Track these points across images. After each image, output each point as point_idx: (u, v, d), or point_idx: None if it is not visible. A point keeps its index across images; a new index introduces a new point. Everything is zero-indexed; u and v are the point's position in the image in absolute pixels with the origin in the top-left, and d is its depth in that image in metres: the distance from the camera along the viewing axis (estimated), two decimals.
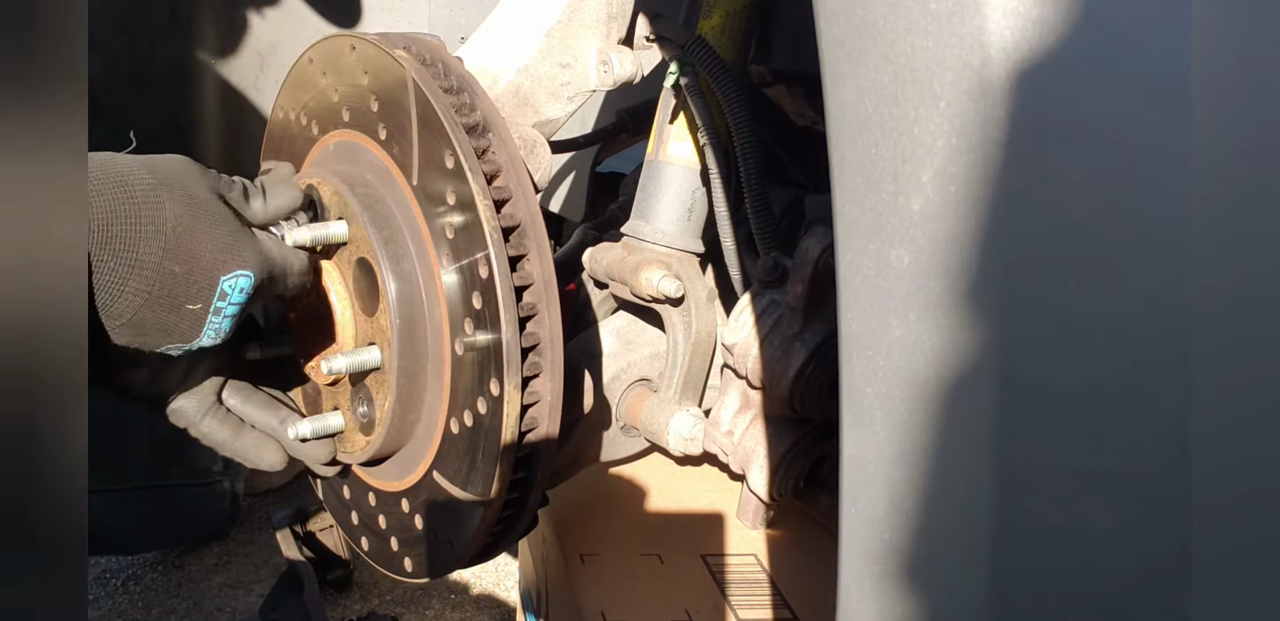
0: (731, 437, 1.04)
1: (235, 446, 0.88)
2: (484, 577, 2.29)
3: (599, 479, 1.28)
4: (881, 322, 0.54)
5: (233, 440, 0.88)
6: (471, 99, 0.83)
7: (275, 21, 1.92)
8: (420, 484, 0.89)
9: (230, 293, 0.73)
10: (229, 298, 0.73)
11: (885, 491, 0.55)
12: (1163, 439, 0.48)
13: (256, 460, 0.89)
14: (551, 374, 0.82)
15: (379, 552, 0.96)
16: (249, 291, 0.74)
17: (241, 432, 0.88)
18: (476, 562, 0.93)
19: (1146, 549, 0.49)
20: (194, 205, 0.71)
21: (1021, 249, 0.49)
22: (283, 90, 0.99)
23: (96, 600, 2.17)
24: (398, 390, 0.84)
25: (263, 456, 0.89)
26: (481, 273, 0.78)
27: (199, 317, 0.72)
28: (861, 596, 0.57)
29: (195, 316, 0.72)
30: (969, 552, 0.52)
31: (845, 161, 0.55)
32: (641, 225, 1.08)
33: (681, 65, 1.02)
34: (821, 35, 0.55)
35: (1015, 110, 0.48)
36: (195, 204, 0.72)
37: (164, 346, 0.73)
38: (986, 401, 0.50)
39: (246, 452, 0.89)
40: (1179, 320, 0.47)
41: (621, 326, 1.13)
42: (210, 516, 2.33)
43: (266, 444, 0.89)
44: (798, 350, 0.95)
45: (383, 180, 0.87)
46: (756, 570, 1.10)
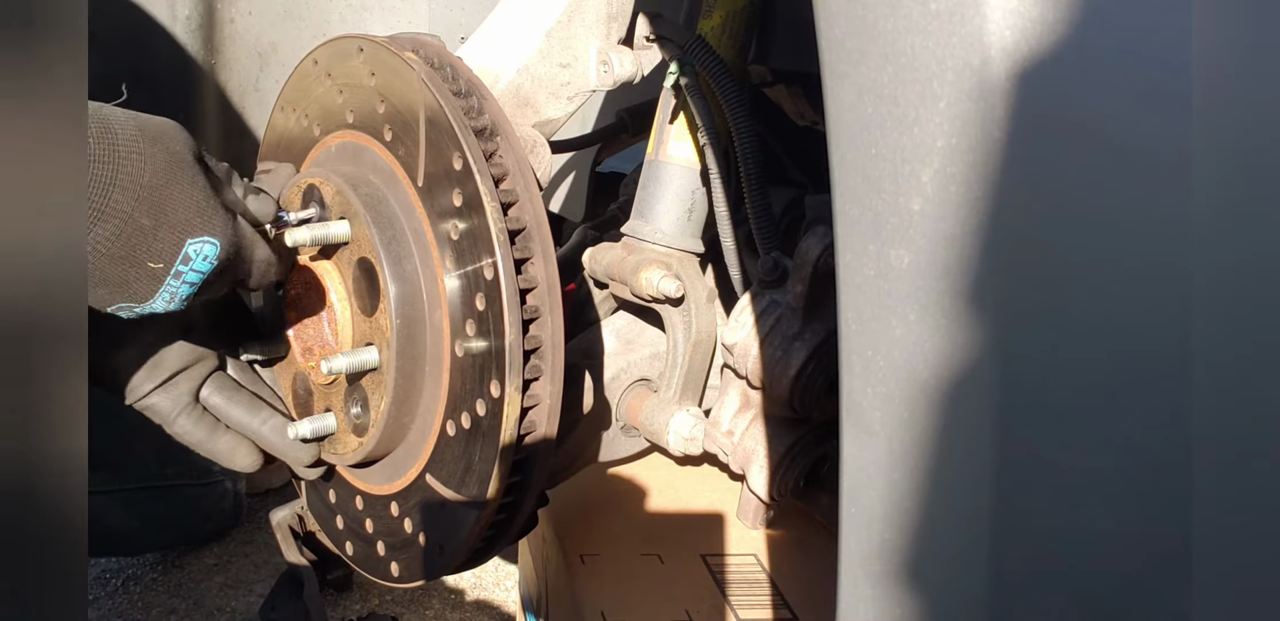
0: (731, 437, 1.04)
1: (209, 447, 0.88)
2: (484, 578, 2.29)
3: (599, 479, 1.28)
4: (881, 323, 0.54)
5: (207, 440, 0.87)
6: (480, 102, 0.83)
7: (275, 21, 1.92)
8: (412, 487, 0.89)
9: (194, 258, 0.71)
10: (191, 263, 0.71)
11: (885, 491, 0.55)
12: (1163, 439, 0.48)
13: (229, 461, 0.89)
14: (552, 377, 0.82)
15: (365, 557, 0.96)
16: (213, 261, 0.72)
17: (216, 433, 0.88)
18: (467, 568, 0.93)
19: (1146, 549, 0.49)
20: (175, 163, 0.70)
21: (1021, 249, 0.49)
22: (285, 90, 0.99)
23: (96, 600, 2.17)
24: (394, 391, 0.84)
25: (235, 458, 0.89)
26: (486, 275, 0.78)
27: (157, 277, 0.70)
28: (861, 596, 0.57)
29: (154, 276, 0.70)
30: (969, 552, 0.51)
31: (845, 161, 0.55)
32: (641, 225, 1.08)
33: (681, 65, 1.02)
34: (821, 35, 0.55)
35: (1015, 110, 0.48)
36: (176, 162, 0.70)
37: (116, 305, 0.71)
38: (986, 401, 0.50)
39: (220, 454, 0.88)
40: (1179, 320, 0.47)
41: (621, 326, 1.13)
42: (211, 516, 2.32)
43: (240, 445, 0.89)
44: (798, 350, 0.95)
45: (386, 181, 0.87)
46: (756, 570, 1.10)
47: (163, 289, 0.71)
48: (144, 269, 0.69)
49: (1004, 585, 0.51)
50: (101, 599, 2.18)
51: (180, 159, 0.71)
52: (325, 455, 0.94)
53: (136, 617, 2.13)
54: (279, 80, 1.94)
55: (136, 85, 0.78)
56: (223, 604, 2.18)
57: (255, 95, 1.95)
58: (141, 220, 0.68)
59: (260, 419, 0.89)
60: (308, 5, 1.94)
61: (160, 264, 0.70)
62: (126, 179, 0.67)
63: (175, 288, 0.71)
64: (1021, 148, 0.48)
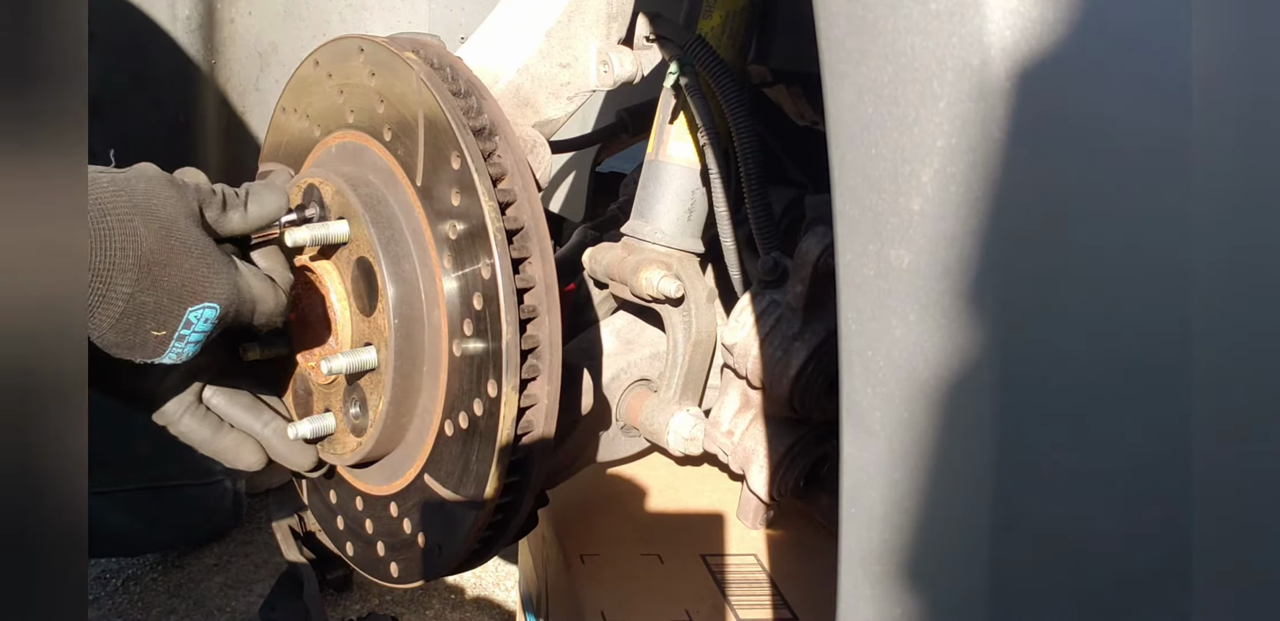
0: (731, 437, 1.04)
1: (213, 446, 0.88)
2: (484, 578, 2.29)
3: (599, 479, 1.28)
4: (881, 323, 0.54)
5: (211, 440, 0.88)
6: (479, 102, 0.83)
7: (275, 21, 1.92)
8: (411, 487, 0.89)
9: (195, 322, 0.74)
10: (194, 327, 0.74)
11: (885, 491, 0.55)
12: (1163, 439, 0.48)
13: (234, 460, 0.89)
14: (549, 377, 0.82)
15: (364, 557, 0.96)
16: (214, 322, 0.75)
17: (220, 432, 0.88)
18: (465, 568, 0.93)
19: (1146, 549, 0.49)
20: (168, 233, 0.72)
21: (1021, 249, 0.49)
22: (286, 90, 0.99)
23: (96, 600, 2.17)
24: (393, 391, 0.84)
25: (240, 456, 0.89)
26: (484, 274, 0.78)
27: (163, 342, 0.73)
28: (861, 596, 0.57)
29: (159, 341, 0.73)
30: (969, 552, 0.51)
31: (845, 161, 0.55)
32: (641, 225, 1.08)
33: (681, 65, 1.02)
34: (821, 35, 0.55)
35: (1015, 110, 0.48)
36: (170, 232, 0.72)
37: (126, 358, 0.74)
38: (986, 401, 0.50)
39: (224, 452, 0.89)
40: (1179, 320, 0.47)
41: (621, 326, 1.13)
42: (212, 516, 2.32)
43: (245, 444, 0.89)
44: (798, 350, 0.95)
45: (386, 181, 0.87)
46: (756, 570, 1.10)
47: (168, 350, 0.74)
48: (148, 337, 0.72)
49: (1004, 585, 0.51)
50: (101, 599, 2.18)
51: (173, 227, 0.72)
52: (324, 455, 0.94)
53: (136, 617, 2.13)
54: (279, 80, 1.94)
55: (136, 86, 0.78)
56: (223, 604, 2.18)
57: (255, 95, 1.95)
58: (143, 299, 0.70)
59: (262, 421, 0.90)
60: (308, 5, 1.94)
61: (164, 332, 0.72)
62: (125, 262, 0.69)
63: (180, 348, 0.74)
64: (1021, 148, 0.48)
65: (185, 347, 0.74)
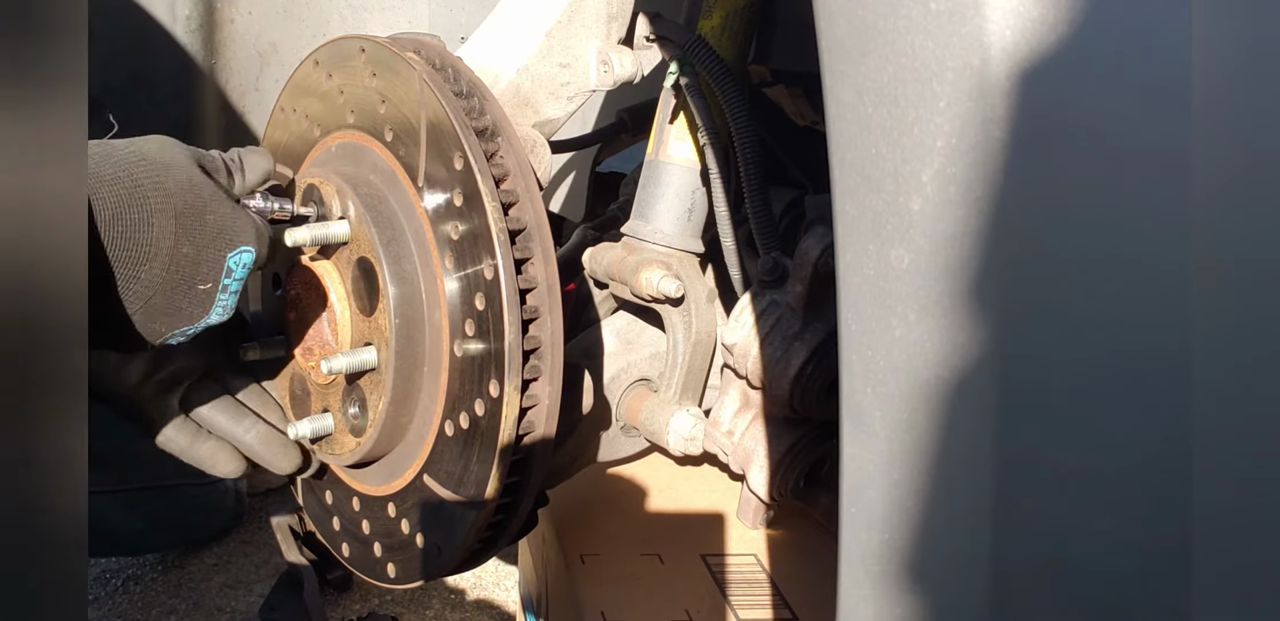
0: (731, 437, 1.04)
1: (191, 454, 0.88)
2: (484, 578, 2.29)
3: (599, 479, 1.28)
4: (881, 323, 0.54)
5: (189, 448, 0.88)
6: (481, 103, 0.83)
7: (275, 21, 1.92)
8: (409, 487, 0.89)
9: (235, 269, 0.74)
10: (234, 274, 0.74)
11: (885, 491, 0.55)
12: (1162, 439, 0.48)
13: (211, 468, 0.89)
14: (551, 377, 0.82)
15: (361, 559, 0.95)
16: (250, 266, 0.75)
17: (198, 440, 0.88)
18: (464, 569, 0.92)
19: (1146, 549, 0.49)
20: (194, 186, 0.72)
21: (1021, 249, 0.49)
22: (285, 90, 0.99)
23: (96, 600, 2.17)
24: (393, 391, 0.84)
25: (217, 465, 0.89)
26: (486, 275, 0.78)
27: (209, 296, 0.73)
28: (862, 596, 0.57)
29: (205, 296, 0.73)
30: (969, 552, 0.51)
31: (845, 161, 0.55)
32: (641, 225, 1.08)
33: (681, 65, 1.02)
34: (821, 35, 0.55)
35: (1015, 110, 0.48)
36: (195, 185, 0.72)
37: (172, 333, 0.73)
38: (986, 401, 0.50)
39: (201, 461, 0.88)
40: (1179, 320, 0.47)
41: (621, 326, 1.13)
42: (212, 516, 2.32)
43: (221, 452, 0.89)
44: (798, 350, 0.95)
45: (387, 181, 0.87)
46: (756, 570, 1.10)
47: (215, 305, 0.74)
48: (195, 293, 0.72)
49: (1004, 585, 0.51)
50: (101, 599, 2.18)
51: (195, 177, 0.73)
52: (322, 455, 0.94)
53: (136, 617, 2.13)
54: (279, 80, 1.94)
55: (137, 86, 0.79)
56: (223, 604, 2.18)
57: (255, 95, 1.95)
58: (185, 250, 0.70)
59: (244, 427, 0.89)
60: (308, 5, 1.94)
61: (209, 284, 0.73)
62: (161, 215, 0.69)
63: (224, 300, 0.74)
64: (1021, 147, 0.48)
65: (228, 299, 0.74)
